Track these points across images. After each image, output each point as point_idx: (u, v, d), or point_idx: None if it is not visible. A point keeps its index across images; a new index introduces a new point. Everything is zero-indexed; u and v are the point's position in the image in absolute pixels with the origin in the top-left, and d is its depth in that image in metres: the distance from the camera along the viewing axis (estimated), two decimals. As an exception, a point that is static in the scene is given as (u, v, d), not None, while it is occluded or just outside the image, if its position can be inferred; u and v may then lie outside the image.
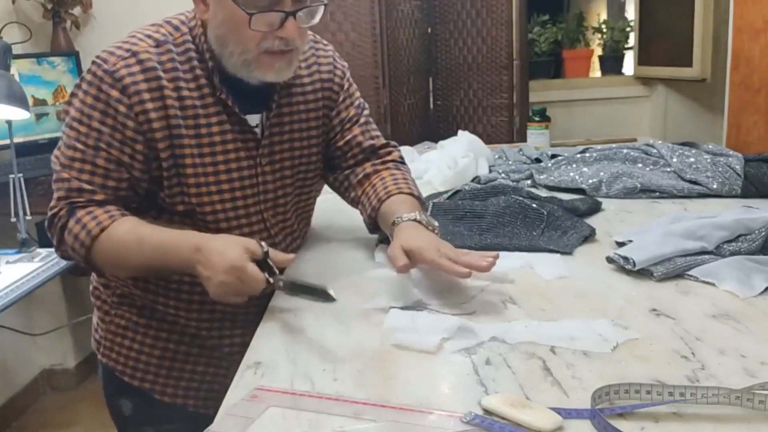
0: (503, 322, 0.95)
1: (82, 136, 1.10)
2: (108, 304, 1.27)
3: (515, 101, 2.80)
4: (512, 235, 1.29)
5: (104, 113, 1.09)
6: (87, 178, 1.10)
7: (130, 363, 1.25)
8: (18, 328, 2.65)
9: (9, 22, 2.67)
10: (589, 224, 1.32)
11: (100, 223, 1.09)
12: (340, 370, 0.84)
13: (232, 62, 1.11)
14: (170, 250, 1.07)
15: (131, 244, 1.08)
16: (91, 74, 1.11)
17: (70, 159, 1.11)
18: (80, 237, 1.09)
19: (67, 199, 1.11)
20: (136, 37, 1.14)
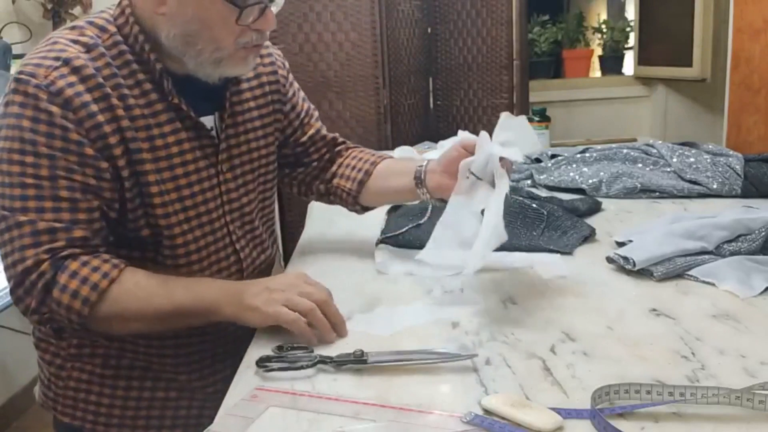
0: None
1: (30, 167, 0.92)
2: (62, 358, 1.09)
3: (515, 101, 2.80)
4: (512, 235, 1.28)
5: (50, 135, 0.92)
6: (52, 216, 0.92)
7: (101, 419, 1.09)
8: (18, 328, 2.64)
9: (9, 22, 2.67)
10: (589, 224, 1.32)
11: (106, 275, 0.93)
12: (340, 369, 0.83)
13: (198, 61, 0.99)
14: (208, 284, 0.97)
15: (155, 286, 0.95)
16: (21, 94, 0.92)
17: (22, 199, 0.92)
18: (82, 293, 0.92)
19: (40, 246, 0.92)
20: (61, 43, 0.97)
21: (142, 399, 1.10)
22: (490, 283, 1.10)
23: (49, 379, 1.12)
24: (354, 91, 2.60)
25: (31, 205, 0.92)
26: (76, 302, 0.92)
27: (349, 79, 2.59)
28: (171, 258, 1.04)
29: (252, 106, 1.15)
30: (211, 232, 1.08)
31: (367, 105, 2.59)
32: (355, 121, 2.61)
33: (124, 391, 1.09)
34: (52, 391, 1.12)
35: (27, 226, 0.92)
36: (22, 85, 0.93)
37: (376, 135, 2.61)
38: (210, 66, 1.01)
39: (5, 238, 0.94)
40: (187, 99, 1.03)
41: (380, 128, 2.61)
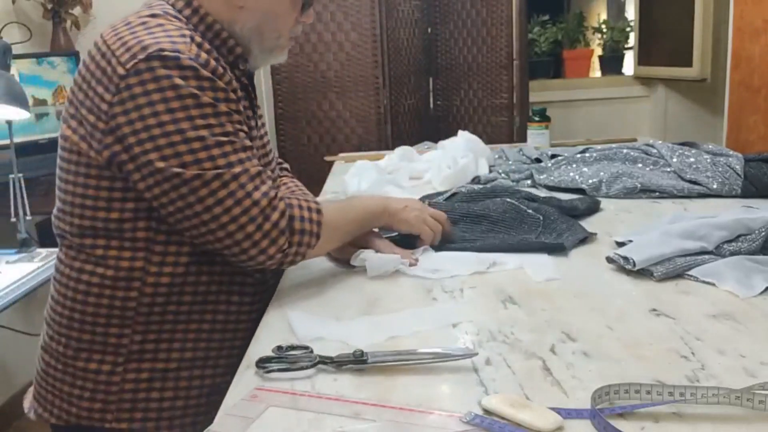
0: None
1: (217, 127, 1.00)
2: (112, 363, 1.07)
3: (515, 101, 2.81)
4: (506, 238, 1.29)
5: (216, 99, 1.01)
6: (250, 164, 1.03)
7: (165, 414, 1.09)
8: (18, 328, 2.65)
9: (9, 22, 2.67)
10: (585, 228, 1.31)
11: (308, 200, 1.10)
12: (340, 369, 0.84)
13: (261, 48, 1.15)
14: (367, 202, 1.26)
15: (343, 206, 1.22)
16: (176, 68, 0.98)
17: (224, 156, 1.00)
18: (314, 218, 1.07)
19: (260, 188, 1.02)
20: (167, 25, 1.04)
21: (204, 387, 1.12)
22: (490, 283, 1.10)
23: (94, 390, 1.08)
24: (354, 91, 2.60)
25: (233, 159, 1.01)
26: (314, 226, 1.07)
27: (349, 79, 2.59)
28: None
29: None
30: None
31: (367, 105, 2.59)
32: (355, 121, 2.61)
33: (186, 381, 1.10)
34: (99, 401, 1.08)
35: (243, 175, 1.01)
36: (172, 61, 0.98)
37: (376, 135, 2.61)
38: (266, 53, 1.17)
39: (223, 195, 0.99)
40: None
41: (380, 128, 2.61)
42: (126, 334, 1.07)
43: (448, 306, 1.02)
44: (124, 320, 1.07)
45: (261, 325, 1.01)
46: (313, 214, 1.08)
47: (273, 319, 1.02)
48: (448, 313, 0.99)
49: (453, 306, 1.02)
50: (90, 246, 1.08)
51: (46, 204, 2.38)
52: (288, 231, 1.03)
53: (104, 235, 1.06)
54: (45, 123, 2.62)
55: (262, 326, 1.00)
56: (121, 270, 1.06)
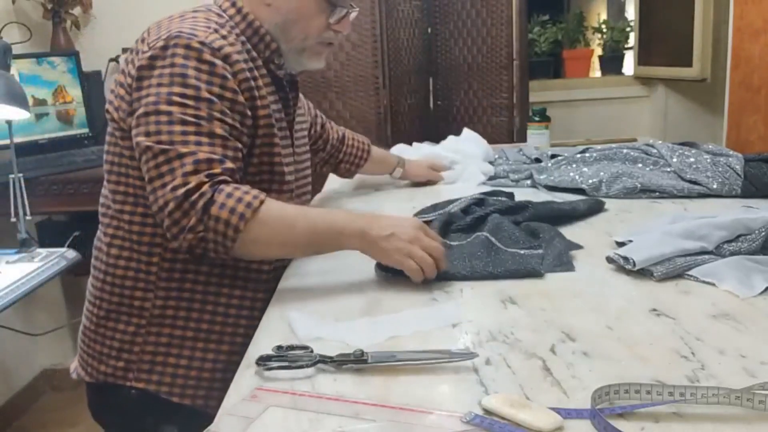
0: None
1: (191, 108, 1.06)
2: (137, 325, 1.17)
3: (515, 101, 2.80)
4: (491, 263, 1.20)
5: (210, 83, 1.08)
6: (209, 150, 1.05)
7: (178, 381, 1.16)
8: (18, 328, 2.65)
9: (9, 22, 2.67)
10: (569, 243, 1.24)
11: (256, 197, 1.04)
12: (340, 369, 0.84)
13: (288, 47, 1.21)
14: (342, 219, 1.08)
15: (298, 213, 1.08)
16: (183, 47, 1.08)
17: (182, 134, 1.05)
18: (237, 210, 1.02)
19: (200, 173, 1.03)
20: (200, 19, 1.15)
21: (218, 362, 1.18)
22: (490, 283, 1.10)
23: (120, 348, 1.18)
24: (354, 91, 2.60)
25: (191, 140, 1.05)
26: (234, 217, 1.02)
27: (349, 79, 2.59)
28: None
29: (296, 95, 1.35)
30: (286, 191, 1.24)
31: (367, 105, 2.59)
32: (355, 121, 2.61)
33: (201, 353, 1.17)
34: (123, 360, 1.18)
35: (188, 156, 1.04)
36: (183, 41, 1.08)
37: (376, 135, 2.60)
38: (295, 54, 1.22)
39: (165, 169, 1.04)
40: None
41: (380, 128, 2.61)
42: (149, 298, 1.17)
43: (448, 306, 1.02)
44: (147, 284, 1.17)
45: (261, 324, 1.01)
46: (240, 206, 1.02)
47: (273, 319, 1.02)
48: (448, 313, 0.99)
49: (453, 306, 1.02)
50: (121, 212, 1.18)
51: (46, 204, 2.39)
52: (202, 213, 1.02)
53: (133, 202, 1.16)
54: (45, 123, 2.62)
55: (262, 326, 1.00)
56: (145, 235, 1.16)
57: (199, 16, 1.17)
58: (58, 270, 1.95)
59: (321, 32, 1.21)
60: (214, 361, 1.18)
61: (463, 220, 1.36)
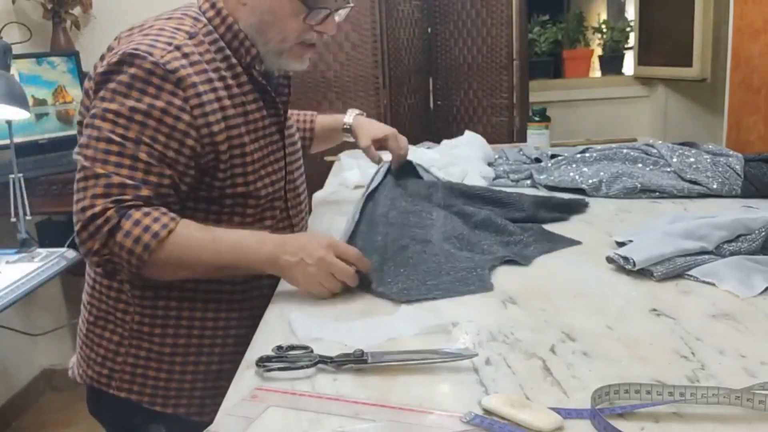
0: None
1: (120, 128, 1.04)
2: (118, 335, 1.18)
3: (515, 101, 2.80)
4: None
5: (150, 105, 1.04)
6: (127, 173, 1.03)
7: (160, 393, 1.18)
8: (18, 328, 2.65)
9: (9, 22, 2.67)
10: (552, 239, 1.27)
11: (165, 225, 1.03)
12: (340, 369, 0.84)
13: (266, 49, 1.16)
14: (251, 246, 1.07)
15: (206, 242, 1.06)
16: (136, 66, 1.05)
17: (105, 152, 1.03)
18: (143, 239, 1.01)
19: (108, 197, 1.02)
20: (168, 30, 1.11)
21: (197, 372, 1.18)
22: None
23: (105, 356, 1.19)
24: (354, 91, 2.60)
25: (111, 160, 1.03)
26: (138, 247, 1.02)
27: (349, 79, 2.59)
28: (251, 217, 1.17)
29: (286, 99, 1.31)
30: (279, 198, 1.22)
31: (367, 105, 2.59)
32: (355, 121, 2.61)
33: (180, 366, 1.18)
34: (107, 368, 1.19)
35: (103, 178, 1.03)
36: (138, 60, 1.05)
37: (376, 135, 2.60)
38: (274, 56, 1.17)
39: (80, 186, 1.05)
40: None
41: (380, 128, 2.60)
42: (129, 312, 1.16)
43: (448, 306, 1.02)
44: (127, 298, 1.16)
45: (261, 325, 1.01)
46: (146, 236, 1.02)
47: (273, 319, 1.02)
48: (447, 313, 0.99)
49: (453, 306, 1.02)
50: None
51: (46, 204, 2.39)
52: (107, 238, 1.02)
53: None
54: (45, 123, 2.62)
55: (262, 326, 1.00)
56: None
57: (169, 25, 1.12)
58: (58, 270, 1.95)
59: (300, 34, 1.16)
60: (194, 373, 1.18)
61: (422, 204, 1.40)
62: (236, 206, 1.16)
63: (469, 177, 1.79)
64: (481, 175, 1.81)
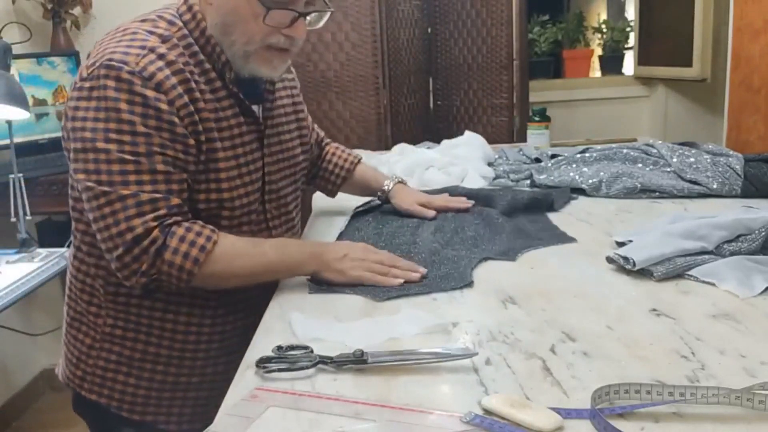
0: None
1: (128, 145, 1.02)
2: (93, 338, 1.18)
3: (515, 101, 2.80)
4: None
5: (145, 116, 1.02)
6: (151, 189, 1.02)
7: (127, 398, 1.17)
8: (18, 328, 2.65)
9: (9, 22, 2.67)
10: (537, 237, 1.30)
11: (209, 238, 1.05)
12: (340, 369, 0.84)
13: (233, 51, 1.11)
14: (294, 247, 1.13)
15: (248, 247, 1.09)
16: (113, 79, 1.02)
17: (121, 173, 1.02)
18: (191, 254, 1.03)
19: (145, 215, 1.02)
20: (141, 33, 1.08)
21: (165, 382, 1.18)
22: (490, 283, 1.10)
23: (79, 358, 1.20)
24: (354, 91, 2.60)
25: (131, 179, 1.02)
26: (188, 263, 1.03)
27: (349, 80, 2.59)
28: (227, 230, 1.12)
29: (279, 104, 1.28)
30: (254, 211, 1.19)
31: (367, 105, 2.59)
32: (355, 121, 2.61)
33: (149, 373, 1.17)
34: (81, 370, 1.19)
35: (130, 198, 1.02)
36: (114, 71, 1.02)
37: (376, 135, 2.60)
38: (241, 59, 1.11)
39: (106, 212, 1.02)
40: (242, 88, 1.15)
41: (380, 128, 2.61)
42: (101, 315, 1.16)
43: (448, 306, 1.02)
44: (99, 302, 1.16)
45: (261, 325, 1.01)
46: (194, 251, 1.03)
47: (273, 319, 1.02)
48: (448, 313, 0.99)
49: (453, 306, 1.02)
50: (76, 229, 1.17)
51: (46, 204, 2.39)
52: (155, 258, 1.02)
53: (86, 221, 1.12)
54: (45, 123, 2.62)
55: (262, 326, 1.00)
56: (92, 256, 1.15)
57: (143, 28, 1.09)
58: (58, 270, 1.95)
59: (264, 36, 1.09)
60: (161, 382, 1.18)
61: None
62: (210, 217, 1.13)
63: (469, 177, 1.79)
64: (481, 175, 1.81)
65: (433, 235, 1.31)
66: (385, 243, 1.28)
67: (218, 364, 1.20)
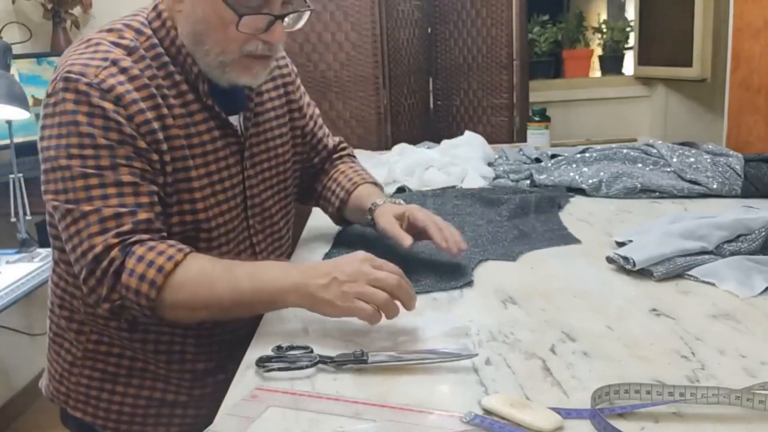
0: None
1: (90, 159, 0.95)
2: (75, 355, 1.13)
3: (515, 101, 2.80)
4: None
5: (106, 128, 0.96)
6: (116, 202, 0.95)
7: (112, 416, 1.12)
8: (18, 328, 2.65)
9: (9, 22, 2.67)
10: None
11: (171, 257, 0.94)
12: (340, 369, 0.84)
13: (207, 61, 1.03)
14: (273, 275, 0.95)
15: (218, 273, 0.95)
16: (72, 91, 0.96)
17: (85, 189, 0.95)
18: (148, 276, 0.92)
19: (107, 233, 0.94)
20: (104, 45, 1.01)
21: (152, 399, 1.13)
22: (490, 283, 1.10)
23: (62, 374, 1.15)
24: (354, 91, 2.60)
25: (95, 194, 0.95)
26: (144, 285, 0.93)
27: (349, 79, 2.59)
28: (205, 251, 1.05)
29: (269, 107, 1.20)
30: (233, 229, 1.13)
31: (367, 105, 2.59)
32: (355, 121, 2.61)
33: (135, 389, 1.12)
34: (65, 386, 1.15)
35: (93, 214, 0.95)
36: (72, 84, 0.97)
37: (376, 135, 2.60)
38: (217, 69, 1.04)
39: (72, 231, 0.96)
40: (215, 98, 1.08)
41: (380, 128, 2.61)
42: (84, 331, 1.11)
43: (448, 306, 1.02)
44: (81, 318, 1.10)
45: (261, 325, 1.01)
46: (151, 271, 0.93)
47: (273, 319, 1.01)
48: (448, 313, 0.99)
49: (453, 306, 1.02)
50: (54, 244, 1.11)
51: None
52: (114, 281, 0.94)
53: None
54: (45, 123, 2.61)
55: (262, 326, 1.00)
56: (70, 274, 1.09)
57: (108, 39, 1.03)
58: (58, 270, 1.95)
59: (241, 45, 1.01)
60: (148, 398, 1.12)
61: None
62: (186, 239, 1.04)
63: (469, 177, 1.79)
64: (481, 175, 1.81)
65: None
66: (384, 245, 1.27)
67: (206, 386, 1.15)
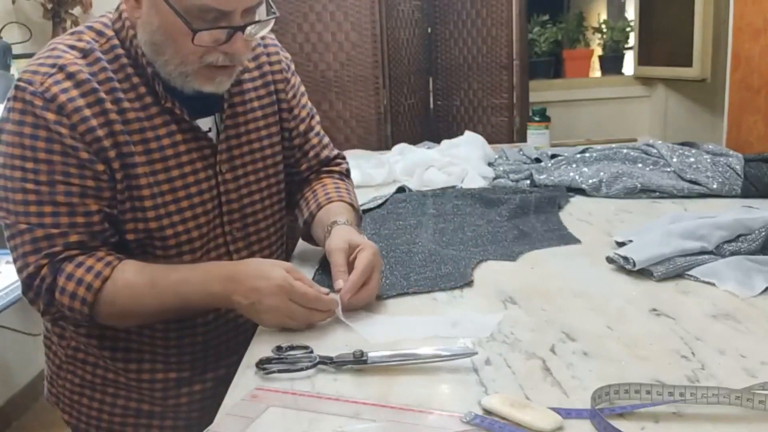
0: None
1: (30, 173, 0.95)
2: (59, 358, 1.15)
3: (515, 101, 2.80)
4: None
5: (49, 140, 0.95)
6: (51, 222, 0.95)
7: (93, 423, 1.14)
8: (18, 328, 2.64)
9: (9, 22, 2.67)
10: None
11: (99, 274, 0.96)
12: (340, 369, 0.84)
13: (167, 70, 1.00)
14: (195, 287, 0.97)
15: (144, 288, 0.97)
16: (20, 101, 0.95)
17: (23, 204, 0.95)
18: (79, 294, 0.95)
19: (39, 253, 0.96)
20: (58, 49, 0.99)
21: (128, 408, 1.13)
22: (490, 283, 1.10)
23: (52, 377, 1.19)
24: (354, 91, 2.60)
25: (32, 210, 0.96)
26: (76, 303, 0.96)
27: (349, 79, 2.59)
28: (162, 259, 1.05)
29: (255, 106, 1.14)
30: (207, 234, 1.09)
31: (367, 105, 2.59)
32: (355, 121, 2.61)
33: (111, 398, 1.13)
34: (55, 388, 1.18)
35: (27, 233, 0.96)
36: (20, 92, 0.96)
37: (376, 135, 2.61)
38: (178, 78, 1.00)
39: (11, 245, 0.99)
40: (184, 100, 1.04)
41: (380, 128, 2.61)
42: (65, 337, 1.13)
43: (448, 306, 1.02)
44: (64, 323, 1.10)
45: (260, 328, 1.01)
46: (81, 290, 0.95)
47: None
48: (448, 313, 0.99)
49: (453, 306, 1.02)
50: None
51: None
52: (49, 298, 0.97)
53: None
54: (45, 123, 2.61)
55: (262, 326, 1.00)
56: None
57: (65, 43, 1.01)
58: (58, 270, 1.95)
59: (202, 56, 0.97)
60: (123, 408, 1.12)
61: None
62: (142, 247, 1.04)
63: (469, 177, 1.79)
64: (481, 175, 1.81)
65: (433, 235, 1.32)
66: (384, 243, 1.28)
67: (180, 395, 1.13)
